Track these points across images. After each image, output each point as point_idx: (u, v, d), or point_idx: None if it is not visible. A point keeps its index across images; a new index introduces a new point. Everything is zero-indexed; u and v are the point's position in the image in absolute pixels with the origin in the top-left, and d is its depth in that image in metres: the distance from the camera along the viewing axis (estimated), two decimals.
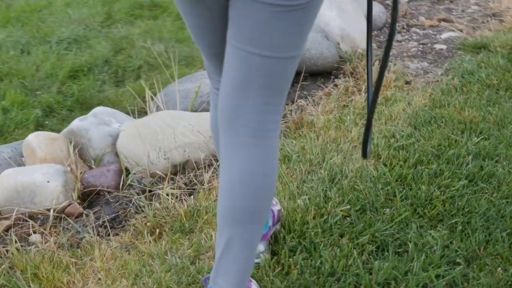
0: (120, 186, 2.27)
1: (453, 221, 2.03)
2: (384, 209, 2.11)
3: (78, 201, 2.18)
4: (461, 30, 3.76)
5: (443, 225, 2.03)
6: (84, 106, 3.33)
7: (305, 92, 3.04)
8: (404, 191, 2.18)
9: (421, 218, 2.07)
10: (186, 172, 2.38)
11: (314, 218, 2.04)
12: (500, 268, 1.80)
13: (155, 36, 4.39)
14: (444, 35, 3.67)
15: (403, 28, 3.82)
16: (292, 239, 1.97)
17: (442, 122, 2.65)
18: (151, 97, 2.66)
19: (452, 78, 3.04)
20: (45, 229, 2.06)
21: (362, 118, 2.67)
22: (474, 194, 2.18)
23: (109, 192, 2.26)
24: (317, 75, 3.18)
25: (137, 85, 3.55)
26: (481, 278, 1.78)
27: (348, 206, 2.13)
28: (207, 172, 2.35)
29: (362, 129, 2.53)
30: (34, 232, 2.05)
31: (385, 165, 2.35)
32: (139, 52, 3.91)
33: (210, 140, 2.40)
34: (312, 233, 1.96)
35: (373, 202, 2.14)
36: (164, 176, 2.35)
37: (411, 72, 3.15)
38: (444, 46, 3.51)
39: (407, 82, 3.05)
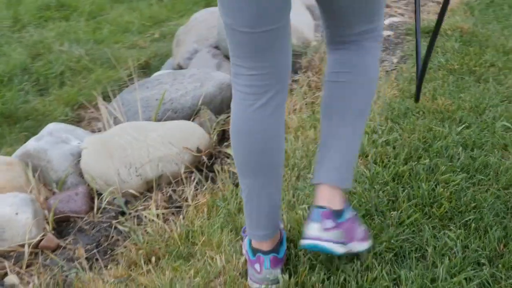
0: (95, 210, 2.04)
1: (465, 219, 1.96)
2: (391, 212, 2.02)
3: (53, 232, 1.92)
4: (402, 15, 3.73)
5: (455, 223, 1.97)
6: (11, 120, 3.07)
7: None
8: (406, 190, 2.10)
9: (431, 219, 2.00)
10: (162, 188, 2.18)
11: None
12: None
13: (71, 39, 4.13)
14: (387, 21, 3.65)
15: None
16: (305, 255, 1.83)
17: (418, 113, 2.60)
18: (105, 106, 2.42)
19: (412, 66, 2.99)
20: (21, 268, 1.80)
21: None
22: (475, 187, 2.12)
23: (81, 218, 2.02)
24: None
25: (64, 92, 3.29)
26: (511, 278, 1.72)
27: (354, 212, 2.00)
28: (188, 186, 2.16)
29: None
30: (7, 274, 1.78)
31: (376, 163, 2.26)
32: (58, 57, 3.64)
33: (183, 151, 2.21)
34: None
35: (377, 205, 2.04)
36: (138, 194, 2.14)
37: None
38: (390, 32, 3.48)
39: None
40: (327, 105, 1.70)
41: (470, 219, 1.97)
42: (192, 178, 2.21)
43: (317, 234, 1.60)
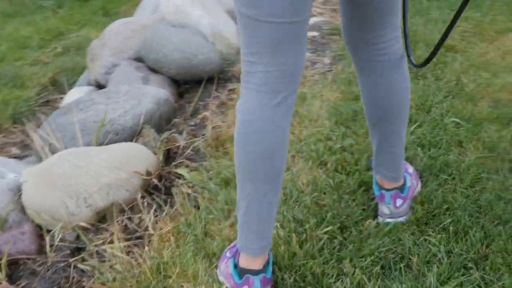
0: (47, 249, 1.85)
1: (442, 222, 1.94)
2: (366, 222, 1.96)
3: (6, 279, 1.72)
4: (322, 14, 3.71)
5: (432, 228, 1.95)
6: None
7: (200, 103, 2.77)
8: (371, 199, 2.05)
9: (407, 225, 1.96)
10: (115, 218, 2.02)
11: (300, 247, 1.83)
12: None
13: None
14: (310, 21, 3.60)
15: None
16: (290, 277, 1.74)
17: None
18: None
19: (348, 66, 2.97)
20: None
21: None
22: (442, 188, 2.11)
23: (32, 259, 1.82)
24: (204, 81, 2.93)
25: None
26: (502, 280, 1.70)
27: (330, 227, 1.94)
28: (146, 213, 2.02)
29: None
30: None
31: (338, 172, 2.20)
32: None
33: (132, 176, 2.06)
34: (308, 265, 1.75)
35: (350, 216, 1.98)
36: (90, 227, 1.97)
37: None
38: (316, 33, 3.45)
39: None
40: None
41: (447, 222, 1.94)
42: (146, 203, 2.05)
43: (392, 212, 1.96)
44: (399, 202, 1.97)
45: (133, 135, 2.36)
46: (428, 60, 1.71)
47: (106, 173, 2.06)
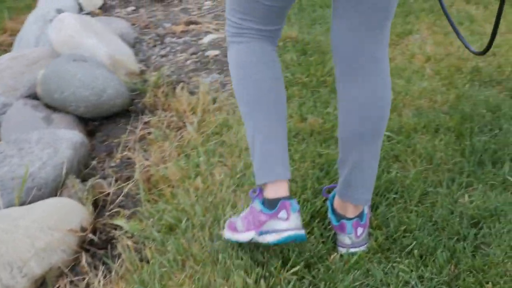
0: None
1: (406, 246, 1.94)
2: (330, 256, 1.92)
3: None
4: (217, 30, 3.64)
5: (396, 254, 1.94)
6: None
7: (115, 141, 2.60)
8: (329, 226, 2.01)
9: (371, 253, 1.94)
10: (56, 285, 1.85)
11: None
12: (488, 283, 1.80)
13: None
14: (206, 39, 3.53)
15: (157, 41, 3.55)
16: None
17: (296, 137, 2.52)
18: None
19: None
20: None
21: (211, 154, 2.40)
22: (393, 207, 2.10)
23: None
24: (114, 117, 2.77)
25: None
26: None
27: (297, 267, 1.88)
28: (94, 276, 1.85)
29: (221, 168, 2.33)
30: None
31: None
32: None
33: (68, 234, 1.90)
34: None
35: (313, 251, 1.93)
36: None
37: (212, 89, 2.93)
38: (217, 52, 3.36)
39: (214, 102, 2.83)
40: None
41: (410, 246, 1.93)
42: (87, 263, 1.88)
43: (353, 242, 1.93)
44: (360, 231, 1.94)
45: (56, 188, 2.16)
46: (487, 49, 1.86)
47: (39, 235, 1.88)
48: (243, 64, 1.81)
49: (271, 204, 1.76)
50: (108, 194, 2.26)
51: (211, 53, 3.41)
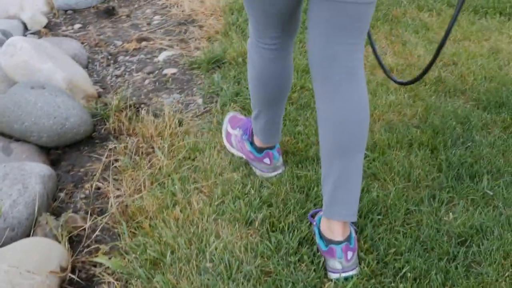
0: None
1: (399, 269, 1.95)
2: (324, 285, 1.92)
3: None
4: (171, 46, 3.58)
5: (391, 278, 1.94)
6: None
7: (82, 170, 2.52)
8: (319, 253, 2.00)
9: (364, 280, 1.94)
10: None
11: None
12: None
13: None
14: (161, 57, 3.47)
15: (110, 60, 3.46)
16: None
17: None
18: None
19: (227, 104, 2.88)
20: None
21: (186, 181, 2.37)
22: (379, 229, 2.11)
23: None
24: (78, 144, 2.68)
25: None
26: None
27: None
28: None
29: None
30: None
31: (270, 230, 2.13)
32: None
33: (50, 276, 1.83)
34: None
35: (305, 281, 1.93)
36: None
37: (176, 110, 2.87)
38: (174, 70, 3.31)
39: (180, 124, 2.77)
40: None
41: (403, 270, 1.94)
42: None
43: (344, 267, 1.94)
44: (350, 254, 1.95)
45: (30, 227, 2.07)
46: (417, 79, 2.12)
47: (20, 281, 1.79)
48: (266, 70, 2.11)
49: (259, 150, 2.39)
50: (84, 229, 2.17)
51: (169, 71, 3.35)
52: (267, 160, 2.39)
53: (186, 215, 2.21)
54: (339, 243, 1.94)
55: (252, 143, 2.43)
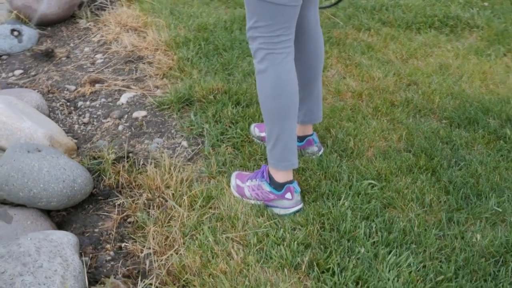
0: None
1: None
2: None
3: None
4: (127, 87, 3.59)
5: None
6: None
7: (96, 230, 2.52)
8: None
9: None
10: None
11: None
12: None
13: None
14: (123, 99, 3.47)
15: (69, 107, 3.42)
16: None
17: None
18: None
19: (217, 145, 2.96)
20: None
21: (215, 231, 2.45)
22: (417, 258, 2.28)
23: None
24: (81, 203, 2.67)
25: None
26: None
27: None
28: None
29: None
30: None
31: (321, 272, 2.25)
32: None
33: None
34: None
35: None
36: None
37: (160, 156, 2.91)
38: (144, 112, 3.33)
39: (179, 171, 2.83)
40: None
41: None
42: None
43: (319, 148, 2.98)
44: (316, 137, 2.92)
45: None
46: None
47: None
48: (286, 78, 2.38)
49: (279, 186, 2.54)
50: None
51: (139, 114, 3.35)
52: (288, 196, 2.54)
53: (232, 267, 2.26)
54: (311, 135, 2.95)
55: (270, 183, 2.57)
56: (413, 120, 3.22)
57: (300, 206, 2.59)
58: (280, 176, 2.55)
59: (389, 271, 2.24)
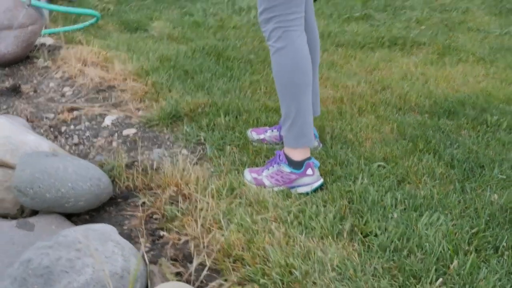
0: None
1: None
2: None
3: None
4: (107, 111, 3.67)
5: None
6: None
7: (125, 228, 2.56)
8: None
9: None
10: None
11: None
12: None
13: None
14: (107, 121, 3.54)
15: (54, 131, 3.45)
16: None
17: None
18: None
19: (218, 149, 3.08)
20: None
21: (249, 213, 2.53)
22: (444, 224, 2.47)
23: None
24: (101, 207, 2.71)
25: None
26: None
27: None
28: None
29: None
30: None
31: (360, 244, 2.38)
32: None
33: None
34: None
35: None
36: None
37: (165, 163, 2.99)
38: (133, 130, 3.41)
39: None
40: None
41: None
42: None
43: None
44: (316, 131, 3.14)
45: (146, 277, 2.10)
46: None
47: None
48: (304, 53, 2.60)
49: (298, 165, 2.69)
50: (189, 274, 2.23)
51: (128, 132, 3.42)
52: (309, 171, 2.70)
53: (278, 240, 2.36)
54: None
55: (289, 164, 2.71)
56: (397, 116, 3.45)
57: (322, 180, 2.74)
58: (299, 154, 2.69)
59: (426, 229, 2.38)
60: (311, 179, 2.72)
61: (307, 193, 2.71)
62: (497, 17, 5.53)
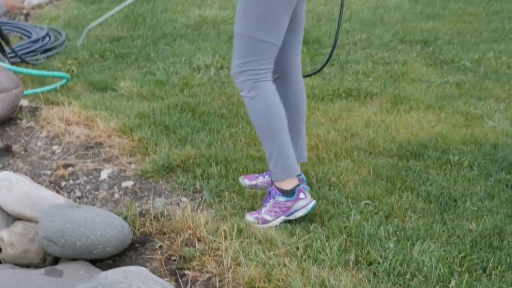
0: None
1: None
2: None
3: None
4: (101, 166, 3.85)
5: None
6: None
7: (148, 270, 2.75)
8: None
9: None
10: None
11: None
12: None
13: None
14: (103, 175, 3.72)
15: (52, 187, 3.61)
16: None
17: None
18: None
19: (216, 196, 3.31)
20: None
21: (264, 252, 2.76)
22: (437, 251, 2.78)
23: None
24: (121, 252, 2.90)
25: None
26: None
27: None
28: None
29: None
30: None
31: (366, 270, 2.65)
32: None
33: None
34: None
35: None
36: None
37: (168, 212, 3.21)
38: (131, 182, 3.61)
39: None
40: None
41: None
42: None
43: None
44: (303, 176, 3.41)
45: None
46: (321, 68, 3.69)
47: None
48: (274, 100, 2.94)
49: (291, 192, 3.02)
50: None
51: (127, 184, 3.60)
52: (302, 195, 3.03)
53: (294, 272, 2.60)
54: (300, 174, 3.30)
55: (283, 194, 3.02)
56: (370, 159, 3.77)
57: (315, 201, 3.07)
58: (288, 184, 3.01)
59: (421, 255, 2.67)
60: (305, 202, 3.02)
61: (305, 215, 3.05)
62: (433, 68, 5.99)
